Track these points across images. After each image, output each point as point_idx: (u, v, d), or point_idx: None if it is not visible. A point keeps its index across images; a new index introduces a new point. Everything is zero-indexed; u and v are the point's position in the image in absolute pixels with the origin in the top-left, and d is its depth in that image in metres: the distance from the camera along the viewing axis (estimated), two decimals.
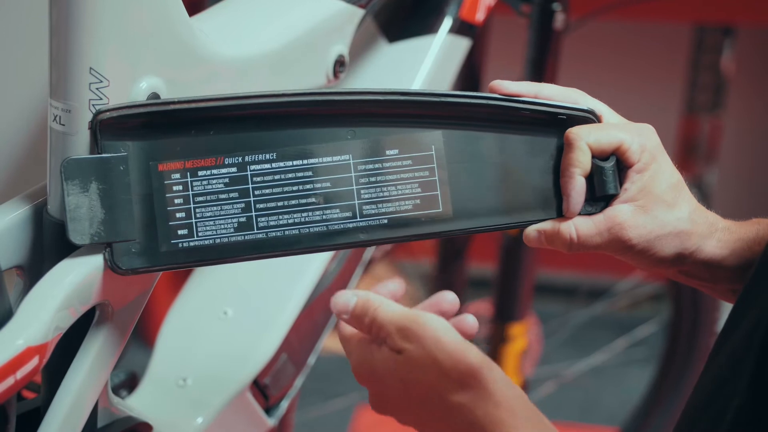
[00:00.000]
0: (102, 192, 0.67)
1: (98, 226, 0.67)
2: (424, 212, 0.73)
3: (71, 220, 0.67)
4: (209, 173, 0.70)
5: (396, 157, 0.73)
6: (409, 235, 0.73)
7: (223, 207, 0.70)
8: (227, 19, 0.82)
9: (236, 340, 0.96)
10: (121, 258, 0.68)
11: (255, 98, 0.70)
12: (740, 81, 2.45)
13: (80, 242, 0.67)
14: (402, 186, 0.73)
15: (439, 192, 0.73)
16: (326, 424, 2.05)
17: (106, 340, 0.71)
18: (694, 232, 0.74)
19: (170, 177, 0.69)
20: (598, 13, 1.50)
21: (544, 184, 0.75)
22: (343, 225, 0.72)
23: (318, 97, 0.71)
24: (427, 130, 0.73)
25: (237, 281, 0.99)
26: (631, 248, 0.73)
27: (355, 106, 0.72)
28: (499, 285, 1.54)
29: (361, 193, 0.72)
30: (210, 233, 0.70)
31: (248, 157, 0.70)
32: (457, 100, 0.73)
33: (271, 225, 0.71)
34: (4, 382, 0.60)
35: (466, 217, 0.74)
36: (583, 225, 0.73)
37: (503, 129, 0.74)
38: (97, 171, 0.67)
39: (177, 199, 0.69)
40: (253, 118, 0.71)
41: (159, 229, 0.69)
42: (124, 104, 0.68)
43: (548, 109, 0.74)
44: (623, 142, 0.73)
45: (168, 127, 0.69)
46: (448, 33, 1.04)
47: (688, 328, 1.78)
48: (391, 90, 0.72)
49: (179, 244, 0.69)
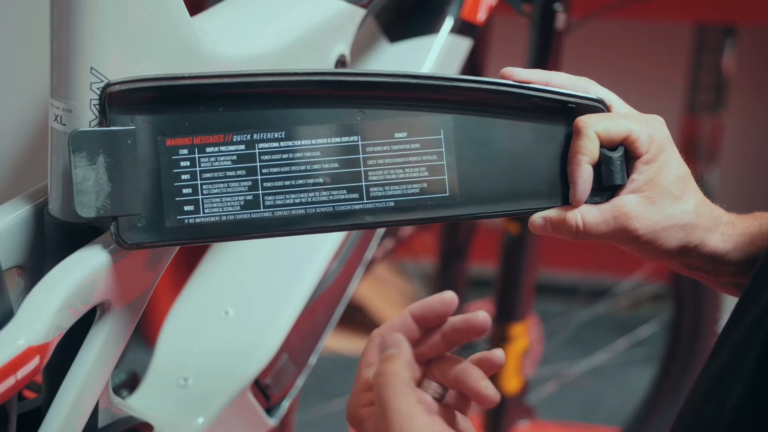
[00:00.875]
0: (109, 165, 0.67)
1: (104, 200, 0.67)
2: (431, 196, 0.73)
3: (78, 192, 0.66)
4: (217, 150, 0.69)
5: (404, 140, 0.72)
6: (415, 218, 0.73)
7: (230, 184, 0.70)
8: (228, 18, 0.82)
9: (237, 340, 0.96)
10: (126, 232, 0.68)
11: (265, 76, 0.70)
12: (741, 81, 2.45)
13: (86, 215, 0.66)
14: (410, 169, 0.73)
15: (447, 176, 0.73)
16: (327, 424, 2.05)
17: (107, 339, 0.71)
18: (699, 225, 0.74)
19: (178, 152, 0.69)
20: (599, 13, 1.50)
21: (551, 172, 0.75)
22: (349, 206, 0.72)
23: (328, 77, 0.71)
24: (437, 113, 0.73)
25: (238, 281, 0.99)
26: (637, 239, 0.73)
27: (365, 87, 0.72)
28: (500, 285, 1.54)
29: (369, 175, 0.72)
30: (216, 210, 0.69)
31: (257, 135, 0.70)
32: (467, 85, 0.73)
33: (277, 204, 0.70)
34: (4, 382, 0.60)
35: (472, 202, 0.74)
36: (589, 213, 0.73)
37: (513, 115, 0.74)
38: (105, 144, 0.67)
39: (184, 174, 0.69)
40: (262, 96, 0.70)
41: (165, 205, 0.68)
42: (133, 78, 0.67)
43: (558, 97, 0.74)
44: (632, 132, 0.73)
45: (177, 102, 0.69)
46: (450, 33, 1.04)
47: (689, 328, 1.78)
48: (402, 72, 0.72)
49: (185, 220, 0.69)
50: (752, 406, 0.62)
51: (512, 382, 1.57)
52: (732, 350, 0.66)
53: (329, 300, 1.02)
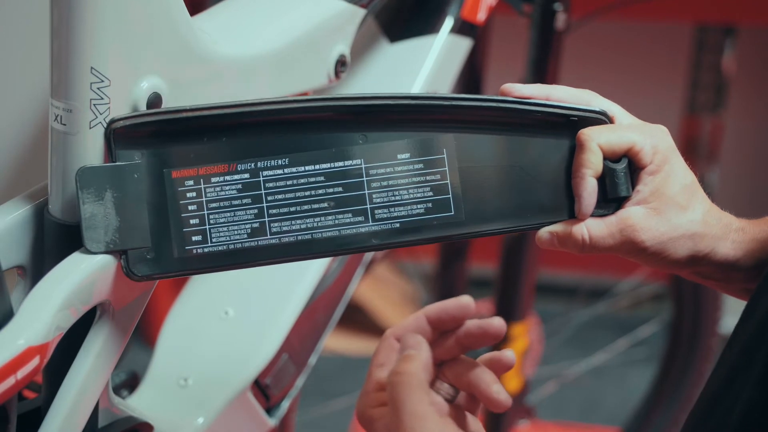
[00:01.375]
0: (116, 200, 0.68)
1: (113, 234, 0.68)
2: (436, 216, 0.73)
3: (86, 228, 0.67)
4: (222, 180, 0.70)
5: (407, 160, 0.72)
6: (421, 239, 0.73)
7: (237, 213, 0.70)
8: (228, 18, 0.82)
9: (237, 340, 0.96)
10: (136, 265, 0.68)
11: (266, 104, 0.70)
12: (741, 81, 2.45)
13: (96, 250, 0.67)
14: (414, 190, 0.72)
15: (451, 195, 0.73)
16: (327, 424, 2.05)
17: (107, 339, 0.71)
18: (708, 234, 0.73)
19: (184, 184, 0.69)
20: (599, 13, 1.50)
21: (556, 186, 0.74)
22: (355, 229, 0.72)
23: (329, 102, 0.71)
24: (439, 133, 0.73)
25: (238, 281, 0.99)
26: (644, 251, 0.73)
27: (366, 110, 0.72)
28: (500, 285, 1.54)
29: (373, 198, 0.72)
30: (224, 239, 0.70)
31: (260, 162, 0.70)
32: (468, 104, 0.73)
33: (284, 230, 0.71)
34: (4, 382, 0.60)
35: (478, 221, 0.73)
36: (595, 227, 0.73)
37: (515, 132, 0.74)
38: (112, 179, 0.68)
39: (191, 205, 0.69)
40: (264, 124, 0.71)
41: (173, 236, 0.69)
42: (137, 113, 0.68)
43: (560, 111, 0.74)
44: (635, 144, 0.72)
45: (180, 134, 0.69)
46: (450, 33, 1.04)
47: (689, 328, 1.78)
48: (403, 94, 0.72)
49: (194, 250, 0.69)
50: (761, 409, 0.62)
51: (512, 382, 1.57)
52: (740, 353, 0.66)
53: (329, 300, 1.02)
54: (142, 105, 0.70)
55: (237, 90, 0.78)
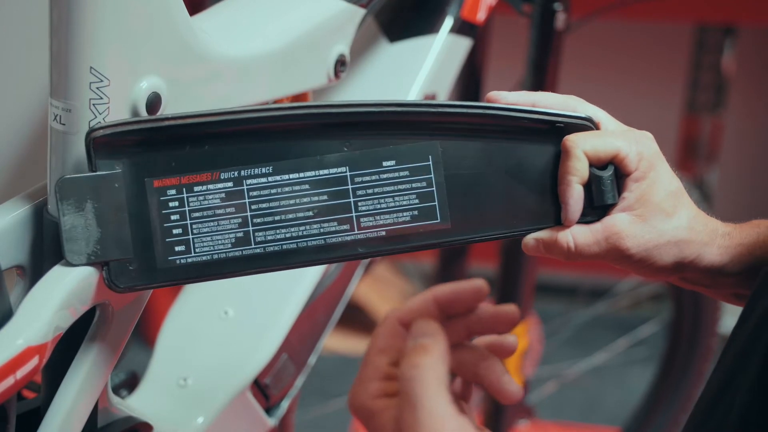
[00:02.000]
0: (97, 211, 0.67)
1: (95, 246, 0.67)
2: (422, 223, 0.72)
3: (67, 240, 0.66)
4: (205, 188, 0.69)
5: (393, 168, 0.72)
6: (407, 246, 0.72)
7: (220, 222, 0.69)
8: (228, 18, 0.82)
9: (237, 339, 0.96)
10: (118, 276, 0.67)
11: (249, 113, 0.69)
12: (741, 81, 2.45)
13: (77, 262, 0.66)
14: (399, 197, 0.72)
15: (437, 202, 0.72)
16: (326, 423, 2.05)
17: (107, 339, 0.71)
18: (694, 241, 0.73)
19: (166, 193, 0.68)
20: (599, 13, 1.50)
21: (543, 193, 0.74)
22: (341, 238, 0.71)
23: (313, 110, 0.70)
24: (424, 140, 0.72)
25: (238, 281, 0.99)
26: (629, 258, 0.72)
27: (350, 118, 0.71)
28: (500, 285, 1.54)
29: (359, 206, 0.71)
30: (207, 249, 0.69)
31: (244, 171, 0.70)
32: (453, 110, 0.72)
33: (268, 239, 0.70)
34: (3, 381, 0.60)
35: (464, 227, 0.73)
36: (580, 234, 0.72)
37: (501, 138, 0.73)
38: (92, 189, 0.67)
39: (173, 215, 0.69)
40: (247, 133, 0.70)
41: (156, 247, 0.68)
42: (117, 121, 0.67)
43: (546, 117, 0.73)
44: (620, 150, 0.72)
45: (162, 143, 0.68)
46: (450, 33, 1.04)
47: (689, 328, 1.78)
48: (387, 102, 0.71)
49: (177, 260, 0.69)
50: (757, 413, 0.62)
51: None
52: (737, 353, 0.66)
53: (329, 300, 1.02)
54: (142, 104, 0.69)
55: (236, 90, 0.78)
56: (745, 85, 2.49)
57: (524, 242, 0.74)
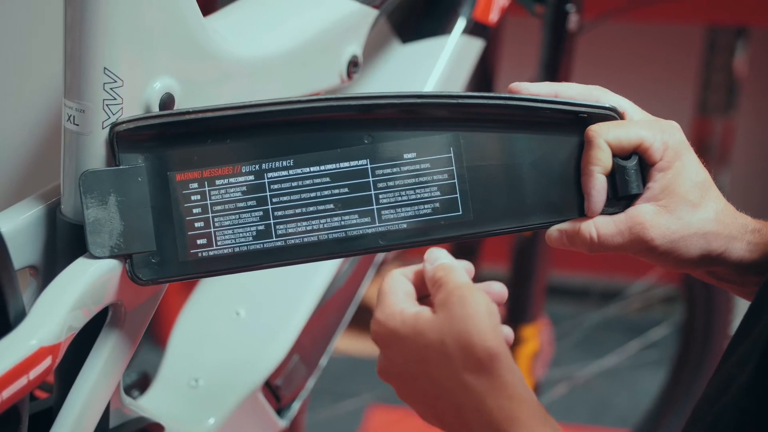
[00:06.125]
0: (120, 204, 0.67)
1: (118, 238, 0.67)
2: (444, 216, 0.72)
3: (91, 233, 0.67)
4: (227, 182, 0.69)
5: (414, 160, 0.72)
6: (429, 239, 0.72)
7: (242, 215, 0.70)
8: (241, 19, 0.82)
9: (248, 340, 0.96)
10: (141, 269, 0.68)
11: (270, 105, 0.70)
12: (753, 82, 2.44)
13: (100, 255, 0.67)
14: (421, 190, 0.72)
15: (459, 195, 0.72)
16: (337, 425, 2.05)
17: (119, 340, 0.71)
18: (721, 234, 0.72)
19: (188, 186, 0.69)
20: (611, 15, 1.50)
21: (565, 185, 0.73)
22: (362, 230, 0.71)
23: (334, 102, 0.71)
24: (445, 132, 0.72)
25: (250, 282, 0.99)
26: (654, 249, 0.71)
27: (371, 110, 0.71)
28: (511, 286, 1.53)
29: (380, 198, 0.71)
30: (229, 242, 0.69)
31: (265, 164, 0.70)
32: (475, 101, 0.72)
33: (289, 232, 0.70)
34: (17, 382, 0.60)
35: (486, 220, 0.73)
36: (603, 225, 0.72)
37: (523, 129, 0.73)
38: (115, 183, 0.67)
39: (195, 208, 0.69)
40: (269, 126, 0.70)
41: (178, 240, 0.69)
42: (140, 116, 0.68)
43: (569, 107, 0.73)
44: (644, 140, 0.71)
45: (184, 136, 0.69)
46: (462, 34, 1.04)
47: (701, 330, 1.77)
48: (408, 93, 0.71)
49: (199, 253, 0.69)
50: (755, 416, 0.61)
51: None
52: (738, 357, 0.65)
53: (340, 301, 1.02)
54: (155, 105, 0.70)
55: (249, 90, 0.78)
56: (757, 86, 2.48)
57: (548, 234, 0.73)
